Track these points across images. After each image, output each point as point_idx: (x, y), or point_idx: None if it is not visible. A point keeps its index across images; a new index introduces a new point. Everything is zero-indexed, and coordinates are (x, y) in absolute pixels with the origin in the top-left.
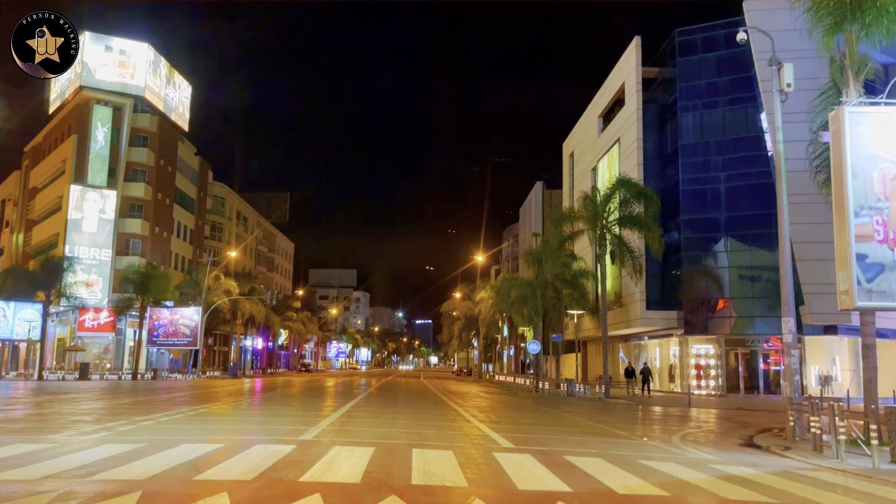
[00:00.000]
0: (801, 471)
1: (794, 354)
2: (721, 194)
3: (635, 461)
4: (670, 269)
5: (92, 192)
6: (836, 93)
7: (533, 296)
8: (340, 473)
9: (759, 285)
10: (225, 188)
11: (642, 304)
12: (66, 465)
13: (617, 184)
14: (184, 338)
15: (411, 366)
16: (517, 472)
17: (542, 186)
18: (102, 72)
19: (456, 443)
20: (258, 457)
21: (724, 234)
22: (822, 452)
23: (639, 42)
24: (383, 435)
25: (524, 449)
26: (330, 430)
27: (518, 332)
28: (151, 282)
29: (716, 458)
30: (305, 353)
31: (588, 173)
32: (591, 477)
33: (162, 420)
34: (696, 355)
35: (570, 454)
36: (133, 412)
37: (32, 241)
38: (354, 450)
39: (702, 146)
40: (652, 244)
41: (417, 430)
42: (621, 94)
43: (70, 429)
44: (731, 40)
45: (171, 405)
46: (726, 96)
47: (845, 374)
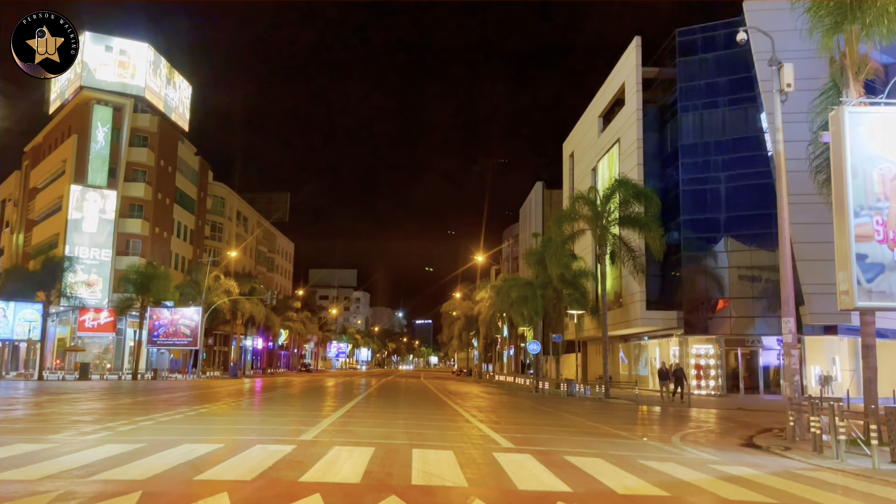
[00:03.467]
0: (801, 471)
1: (794, 354)
2: (721, 194)
3: (635, 461)
4: (670, 270)
5: (92, 192)
6: (836, 93)
7: (533, 296)
8: (340, 473)
9: (759, 285)
10: (225, 188)
11: (642, 304)
12: (66, 466)
13: (616, 184)
14: (184, 338)
15: (411, 366)
16: (517, 472)
17: (542, 187)
18: (103, 72)
19: (456, 443)
20: (258, 457)
21: (724, 235)
22: (822, 453)
23: (639, 42)
24: (383, 435)
25: (524, 449)
26: (330, 430)
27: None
28: (152, 282)
29: (716, 459)
30: (305, 354)
31: (588, 173)
32: (590, 477)
33: (162, 420)
34: (696, 355)
35: (569, 454)
36: (133, 412)
37: (33, 242)
38: (355, 450)
39: (702, 146)
40: (653, 244)
41: (417, 431)
42: (621, 94)
43: (70, 429)
44: (731, 40)
45: (171, 405)
46: (726, 96)
47: (845, 374)
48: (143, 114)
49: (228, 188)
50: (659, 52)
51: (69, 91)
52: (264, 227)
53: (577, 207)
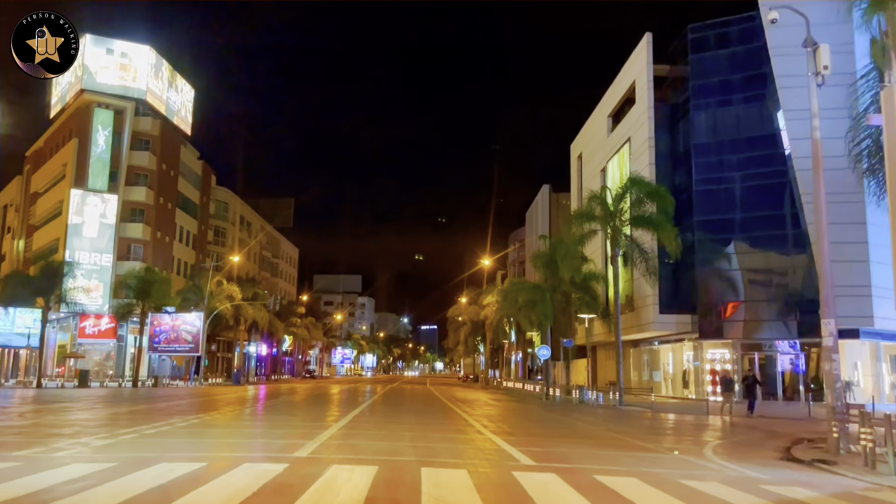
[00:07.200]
0: (863, 491)
1: (836, 359)
2: (736, 195)
3: (674, 481)
4: (683, 272)
5: (93, 197)
6: (877, 75)
7: (543, 300)
8: (337, 501)
9: (775, 288)
10: (228, 193)
11: (655, 307)
12: (14, 492)
13: (629, 182)
14: (185, 344)
15: (416, 372)
16: (544, 497)
17: (548, 190)
18: (103, 75)
19: (469, 459)
20: (243, 479)
21: (739, 236)
22: (874, 468)
23: (650, 39)
24: (388, 450)
25: (546, 466)
26: (329, 445)
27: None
28: (152, 287)
29: (762, 476)
30: (310, 360)
31: (597, 174)
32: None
33: (147, 433)
34: (711, 360)
35: (599, 473)
36: (119, 424)
37: (33, 247)
38: (355, 469)
39: (715, 145)
40: (668, 244)
41: (425, 444)
42: (631, 92)
43: (42, 444)
44: (745, 36)
45: (163, 415)
46: (741, 94)
47: (867, 379)
48: (144, 117)
49: (232, 193)
50: (670, 49)
51: (70, 94)
52: (268, 232)
53: (590, 206)
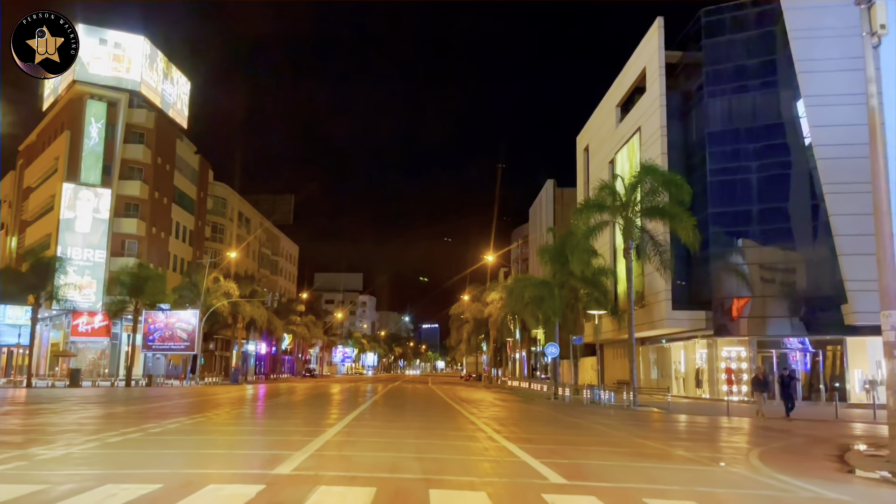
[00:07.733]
0: None
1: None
2: (752, 185)
3: None
4: (697, 266)
5: (85, 191)
6: None
7: (550, 295)
8: None
9: (794, 283)
10: (226, 188)
11: (668, 303)
12: None
13: (642, 171)
14: (181, 342)
15: (418, 370)
16: None
17: (553, 185)
18: (96, 65)
19: (486, 477)
20: None
21: (756, 228)
22: None
23: (661, 23)
24: (389, 463)
25: (581, 486)
26: (320, 456)
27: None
28: (146, 283)
29: (837, 496)
30: (310, 358)
31: (605, 166)
32: None
33: (110, 441)
34: (727, 358)
35: (648, 495)
36: (83, 430)
37: (25, 243)
38: (348, 493)
39: (731, 134)
40: (685, 235)
41: (432, 455)
42: (642, 80)
43: None
44: (762, 19)
45: (141, 419)
46: (757, 80)
47: None
48: (138, 109)
49: (230, 188)
50: (682, 35)
51: (62, 86)
52: (268, 229)
53: (601, 197)
